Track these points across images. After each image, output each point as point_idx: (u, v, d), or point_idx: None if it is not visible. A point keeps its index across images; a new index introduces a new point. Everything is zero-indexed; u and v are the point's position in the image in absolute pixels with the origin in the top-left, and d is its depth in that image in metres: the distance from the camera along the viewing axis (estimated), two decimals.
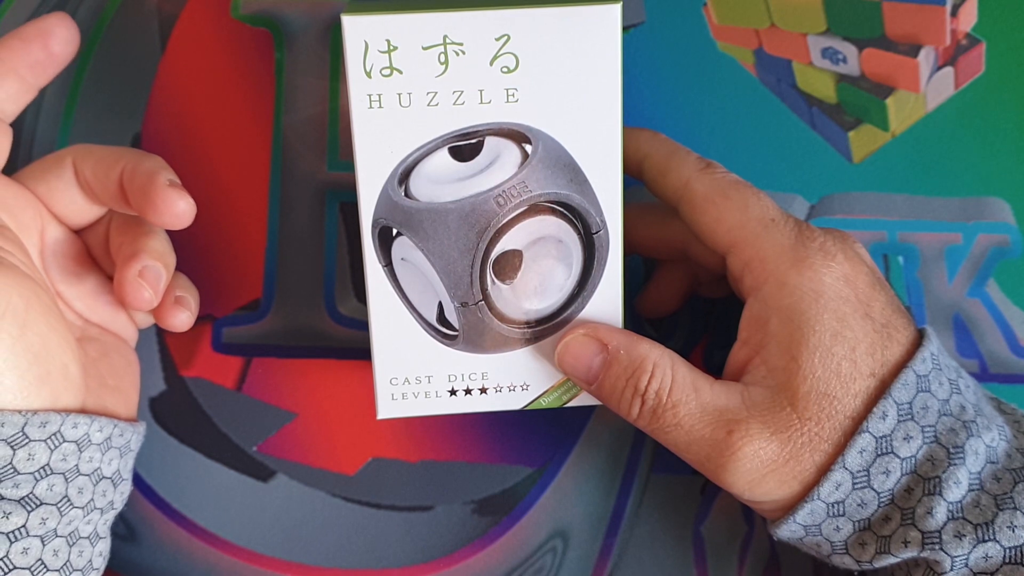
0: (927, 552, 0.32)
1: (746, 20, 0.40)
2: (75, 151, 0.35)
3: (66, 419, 0.32)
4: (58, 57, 0.34)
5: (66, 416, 0.32)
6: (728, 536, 0.41)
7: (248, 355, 0.41)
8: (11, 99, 0.34)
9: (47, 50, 0.34)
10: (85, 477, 0.33)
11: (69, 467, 0.33)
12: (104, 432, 0.34)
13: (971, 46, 0.40)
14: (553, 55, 0.32)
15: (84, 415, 0.33)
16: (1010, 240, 0.41)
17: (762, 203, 0.34)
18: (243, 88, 0.40)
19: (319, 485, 0.41)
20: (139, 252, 0.34)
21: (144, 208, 0.33)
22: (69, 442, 0.32)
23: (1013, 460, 0.33)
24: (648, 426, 0.34)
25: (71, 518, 0.33)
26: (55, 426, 0.32)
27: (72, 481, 0.33)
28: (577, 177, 0.33)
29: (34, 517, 0.32)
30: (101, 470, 0.34)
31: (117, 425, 0.34)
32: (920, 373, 0.33)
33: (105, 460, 0.34)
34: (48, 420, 0.32)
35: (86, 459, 0.33)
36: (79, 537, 0.33)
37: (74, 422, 0.32)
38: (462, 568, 0.41)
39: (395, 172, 0.33)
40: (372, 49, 0.31)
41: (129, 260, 0.34)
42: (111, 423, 0.34)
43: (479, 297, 0.34)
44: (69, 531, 0.33)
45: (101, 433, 0.34)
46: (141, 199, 0.33)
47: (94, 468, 0.34)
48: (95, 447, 0.33)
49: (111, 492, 0.35)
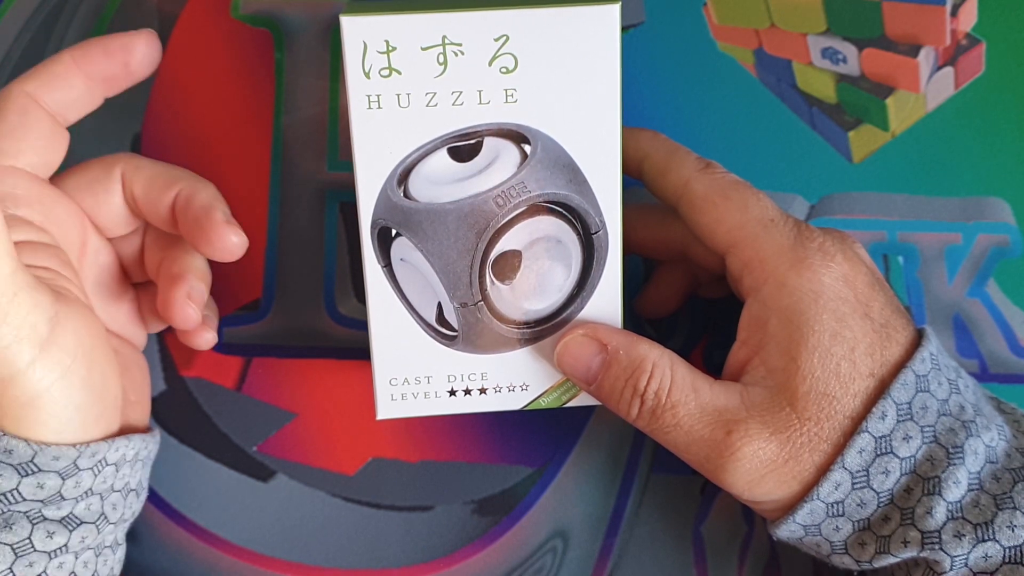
0: (927, 552, 0.32)
1: (746, 20, 0.40)
2: (125, 163, 0.35)
3: (111, 445, 0.33)
4: (135, 74, 0.34)
5: (112, 442, 0.33)
6: (728, 536, 0.41)
7: (248, 355, 0.41)
8: (76, 106, 0.34)
9: (126, 66, 0.34)
10: (117, 493, 0.34)
11: (106, 487, 0.33)
12: (134, 449, 0.34)
13: (971, 46, 0.40)
14: (552, 55, 0.32)
15: (122, 437, 0.34)
16: (1010, 240, 0.40)
17: (762, 203, 0.34)
18: (243, 88, 0.40)
19: (319, 485, 0.41)
20: (186, 273, 0.34)
21: (197, 241, 0.33)
22: (110, 465, 0.33)
23: (1012, 460, 0.33)
24: (647, 426, 0.34)
25: (105, 534, 0.34)
26: (102, 454, 0.32)
27: (107, 499, 0.33)
28: (576, 177, 0.33)
29: (75, 536, 0.32)
30: (129, 484, 0.35)
31: (144, 439, 0.35)
32: (919, 373, 0.32)
33: (132, 474, 0.35)
34: (97, 450, 0.32)
35: (120, 477, 0.34)
36: (104, 547, 0.34)
37: (117, 446, 0.33)
38: (462, 568, 0.41)
39: (394, 173, 0.33)
40: (371, 50, 0.31)
41: (177, 281, 0.34)
42: (140, 439, 0.35)
43: (478, 297, 0.34)
44: (98, 543, 0.34)
45: (132, 451, 0.34)
46: (195, 231, 0.33)
47: (124, 483, 0.34)
48: (128, 464, 0.34)
49: (136, 503, 0.36)
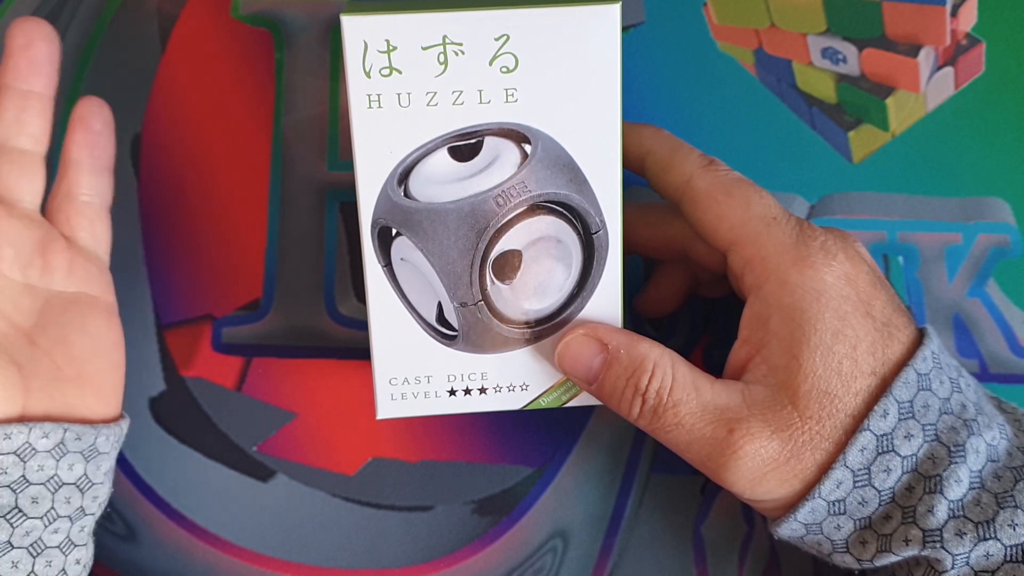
0: (928, 550, 0.32)
1: (746, 20, 0.40)
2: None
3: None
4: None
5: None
6: (728, 536, 0.41)
7: (248, 355, 0.41)
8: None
9: None
10: (38, 486, 0.32)
11: (13, 479, 0.32)
12: (52, 438, 0.32)
13: (971, 46, 0.40)
14: (552, 55, 0.32)
15: (19, 424, 0.32)
16: (1010, 240, 0.41)
17: (764, 201, 0.34)
18: (243, 88, 0.40)
19: (319, 485, 0.41)
20: None
21: None
22: (6, 452, 0.31)
23: (1014, 458, 0.33)
24: (649, 426, 0.34)
25: (27, 529, 0.32)
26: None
27: (22, 491, 0.32)
28: (576, 177, 0.33)
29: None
30: (59, 477, 0.33)
31: (69, 429, 0.33)
32: (921, 372, 0.32)
33: (63, 466, 0.33)
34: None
35: (34, 468, 0.32)
36: (45, 547, 0.33)
37: (4, 431, 0.31)
38: (462, 568, 0.41)
39: (394, 172, 0.33)
40: (371, 49, 0.31)
41: None
42: (60, 428, 0.33)
43: (478, 297, 0.34)
44: (29, 542, 0.32)
45: (48, 440, 0.32)
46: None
47: (48, 476, 0.32)
48: (43, 455, 0.32)
49: (78, 498, 0.34)
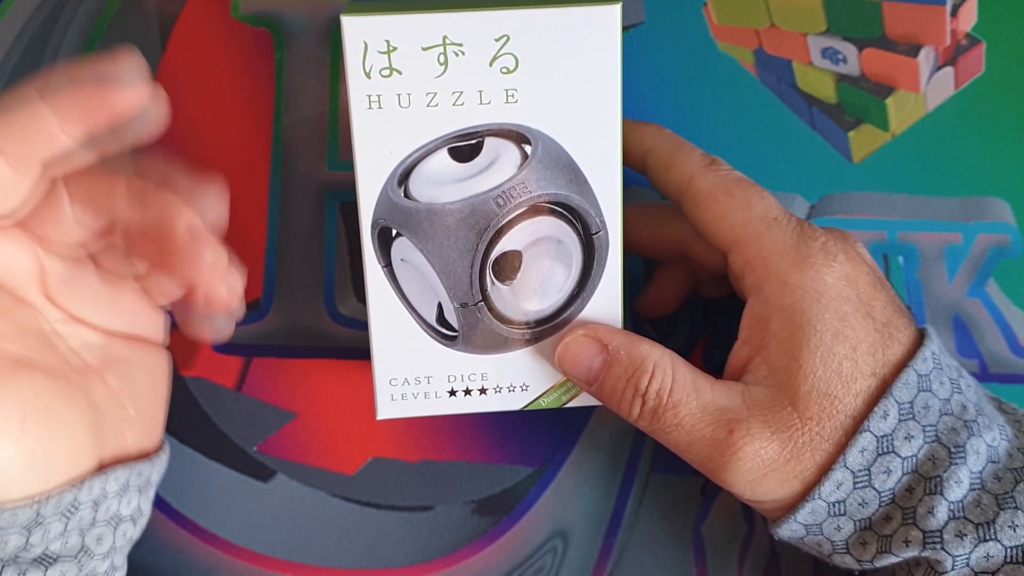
0: (928, 551, 0.32)
1: (746, 20, 0.40)
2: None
3: (81, 488, 0.31)
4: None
5: (80, 485, 0.31)
6: (728, 536, 0.41)
7: (248, 355, 0.41)
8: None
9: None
10: (103, 526, 0.32)
11: (85, 524, 0.31)
12: (119, 480, 0.32)
13: (971, 46, 0.40)
14: (553, 56, 0.32)
15: (98, 475, 0.31)
16: (1010, 240, 0.41)
17: (765, 202, 0.34)
18: (243, 88, 0.40)
19: (319, 485, 0.41)
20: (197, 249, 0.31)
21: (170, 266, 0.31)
22: (85, 505, 0.31)
23: (1014, 459, 0.33)
24: (649, 426, 0.34)
25: (92, 567, 0.32)
26: (70, 498, 0.30)
27: (89, 533, 0.32)
28: (577, 178, 0.33)
29: (53, 571, 0.31)
30: (120, 514, 0.33)
31: (132, 468, 0.33)
32: (921, 372, 0.32)
33: (124, 503, 0.33)
34: (63, 499, 0.30)
35: (103, 511, 0.32)
36: (96, 575, 0.33)
37: (91, 487, 0.31)
38: (462, 568, 0.41)
39: (395, 173, 0.33)
40: (372, 50, 0.31)
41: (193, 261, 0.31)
42: (126, 469, 0.32)
43: (479, 298, 0.34)
44: (85, 573, 0.32)
45: (117, 482, 0.32)
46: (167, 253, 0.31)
47: (111, 515, 0.32)
48: (112, 497, 0.32)
49: (131, 530, 0.34)
